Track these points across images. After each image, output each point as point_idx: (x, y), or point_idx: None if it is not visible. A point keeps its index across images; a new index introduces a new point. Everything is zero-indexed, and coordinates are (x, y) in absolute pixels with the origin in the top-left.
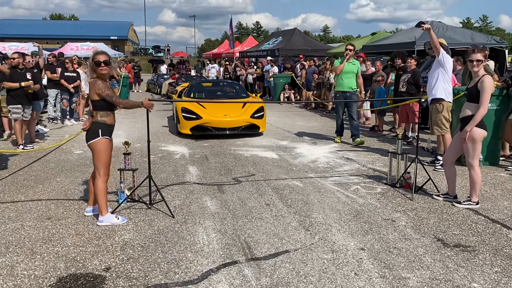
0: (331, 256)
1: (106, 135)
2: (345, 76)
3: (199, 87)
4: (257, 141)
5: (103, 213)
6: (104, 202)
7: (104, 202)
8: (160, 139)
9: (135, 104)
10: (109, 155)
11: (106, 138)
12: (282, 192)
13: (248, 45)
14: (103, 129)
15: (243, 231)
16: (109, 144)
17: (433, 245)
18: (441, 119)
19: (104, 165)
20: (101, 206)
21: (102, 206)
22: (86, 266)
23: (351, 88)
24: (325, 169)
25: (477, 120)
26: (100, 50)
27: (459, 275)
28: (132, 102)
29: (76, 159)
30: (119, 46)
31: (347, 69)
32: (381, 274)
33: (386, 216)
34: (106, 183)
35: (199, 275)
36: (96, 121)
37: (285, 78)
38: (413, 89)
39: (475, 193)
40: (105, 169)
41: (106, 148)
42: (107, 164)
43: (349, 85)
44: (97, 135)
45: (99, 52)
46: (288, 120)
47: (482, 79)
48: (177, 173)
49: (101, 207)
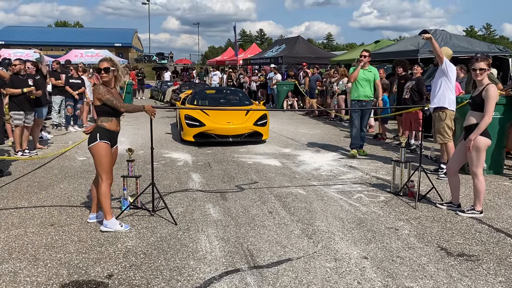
0: (334, 264)
1: (105, 139)
2: (361, 84)
3: (203, 95)
4: (260, 149)
5: (107, 218)
6: (108, 206)
7: (108, 206)
8: (163, 146)
9: (136, 108)
10: (109, 160)
11: (105, 142)
12: (285, 200)
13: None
14: (102, 133)
15: (245, 239)
16: (108, 148)
17: (437, 254)
18: (444, 127)
19: (105, 169)
20: (105, 211)
21: (107, 211)
22: (89, 273)
23: (366, 97)
24: (328, 177)
25: (481, 129)
26: (104, 57)
27: (463, 284)
28: (134, 106)
29: (79, 165)
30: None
31: (363, 76)
32: (384, 283)
33: (389, 225)
34: (109, 187)
35: (202, 283)
36: (97, 125)
37: (288, 86)
38: (416, 97)
39: (479, 202)
40: (107, 174)
41: (106, 152)
42: (109, 169)
43: (364, 94)
44: (95, 139)
45: (102, 59)
46: (291, 127)
47: (487, 87)
48: (180, 180)
49: (105, 212)
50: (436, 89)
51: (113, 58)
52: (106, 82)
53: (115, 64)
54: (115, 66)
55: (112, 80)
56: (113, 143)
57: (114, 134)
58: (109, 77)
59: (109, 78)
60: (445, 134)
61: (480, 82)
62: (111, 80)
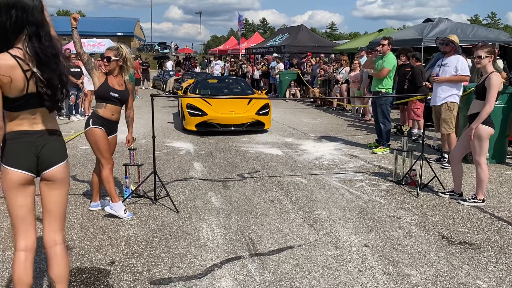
0: (335, 252)
1: (97, 125)
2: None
3: (205, 84)
4: (262, 138)
5: (114, 201)
6: (113, 190)
7: (113, 190)
8: (165, 135)
9: None
10: (105, 144)
11: (98, 127)
12: (287, 188)
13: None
14: (93, 118)
15: (247, 227)
16: (101, 133)
17: (438, 242)
18: (451, 118)
19: (102, 154)
20: (111, 195)
21: (112, 194)
22: (91, 260)
23: (377, 88)
24: (330, 166)
25: (482, 117)
26: (112, 46)
27: (464, 272)
28: None
29: (81, 154)
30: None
31: (377, 66)
32: (385, 271)
33: (391, 213)
34: (111, 171)
35: (203, 270)
36: (92, 111)
37: (291, 75)
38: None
39: (481, 191)
40: (106, 159)
41: (100, 137)
42: (106, 152)
43: (376, 84)
44: (88, 125)
45: (109, 47)
46: (294, 117)
47: (490, 76)
48: (182, 169)
49: (111, 195)
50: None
51: (123, 47)
52: (109, 71)
53: (119, 54)
54: (118, 56)
55: (116, 70)
56: (109, 131)
57: (109, 122)
58: (110, 67)
59: (110, 68)
60: (450, 124)
61: (484, 70)
62: (114, 69)
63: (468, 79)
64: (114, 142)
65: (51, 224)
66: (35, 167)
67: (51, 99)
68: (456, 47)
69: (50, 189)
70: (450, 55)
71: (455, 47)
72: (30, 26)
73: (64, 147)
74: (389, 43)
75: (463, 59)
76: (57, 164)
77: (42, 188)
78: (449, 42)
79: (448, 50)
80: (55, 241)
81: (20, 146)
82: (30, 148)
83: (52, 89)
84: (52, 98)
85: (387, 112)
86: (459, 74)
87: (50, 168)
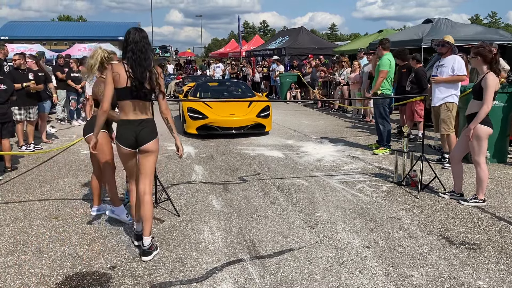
0: (336, 254)
1: None
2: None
3: (205, 87)
4: (263, 140)
5: (115, 204)
6: (115, 194)
7: (115, 193)
8: (166, 139)
9: None
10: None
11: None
12: (288, 190)
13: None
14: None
15: (248, 230)
16: (105, 137)
17: (439, 243)
18: (450, 118)
19: (106, 158)
20: (112, 198)
21: (114, 198)
22: (92, 265)
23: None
24: (331, 168)
25: (480, 118)
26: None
27: (464, 272)
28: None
29: (83, 159)
30: None
31: (377, 68)
32: (386, 272)
33: (392, 214)
34: (113, 175)
35: (204, 273)
36: (92, 116)
37: (291, 77)
38: (415, 89)
39: (482, 191)
40: (109, 163)
41: (103, 141)
42: (110, 156)
43: (373, 86)
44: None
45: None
46: (295, 119)
47: (486, 76)
48: (183, 172)
49: (113, 199)
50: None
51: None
52: None
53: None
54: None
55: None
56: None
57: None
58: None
59: None
60: (450, 125)
61: (481, 70)
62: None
63: (465, 78)
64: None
65: (143, 180)
66: (134, 144)
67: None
68: (452, 47)
69: (144, 156)
70: (447, 56)
71: (451, 48)
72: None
73: (154, 129)
74: (381, 46)
75: (460, 59)
76: (149, 141)
77: (140, 156)
78: (445, 43)
79: (445, 51)
80: (145, 191)
81: (126, 130)
82: (131, 132)
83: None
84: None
85: (385, 113)
86: (456, 74)
87: (144, 144)
